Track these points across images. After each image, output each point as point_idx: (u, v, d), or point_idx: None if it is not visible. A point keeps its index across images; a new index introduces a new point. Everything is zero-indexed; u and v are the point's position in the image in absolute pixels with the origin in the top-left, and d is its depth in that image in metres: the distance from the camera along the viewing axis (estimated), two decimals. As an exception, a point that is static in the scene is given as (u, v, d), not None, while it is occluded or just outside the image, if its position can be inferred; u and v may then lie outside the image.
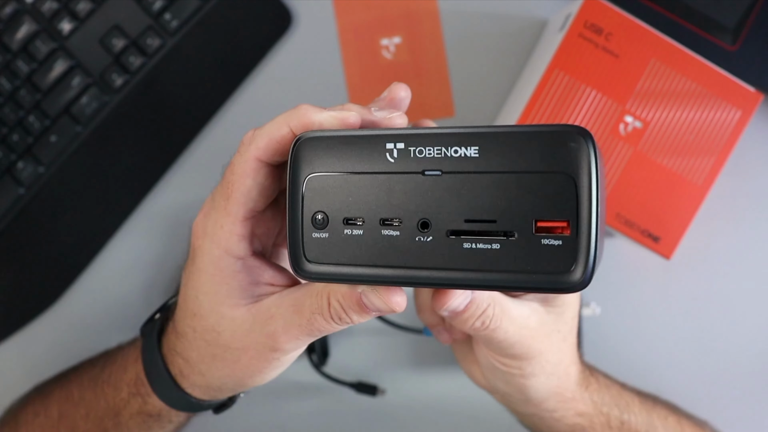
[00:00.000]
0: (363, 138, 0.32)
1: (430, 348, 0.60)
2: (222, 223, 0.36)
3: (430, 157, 0.31)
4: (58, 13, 0.58)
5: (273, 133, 0.35)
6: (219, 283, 0.37)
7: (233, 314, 0.37)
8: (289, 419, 0.60)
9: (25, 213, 0.58)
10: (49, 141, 0.58)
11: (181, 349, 0.40)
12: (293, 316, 0.36)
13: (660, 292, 0.60)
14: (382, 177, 0.32)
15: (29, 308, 0.59)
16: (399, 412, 0.60)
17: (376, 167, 0.32)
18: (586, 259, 0.30)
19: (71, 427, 0.48)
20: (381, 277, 0.31)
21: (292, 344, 0.37)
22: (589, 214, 0.30)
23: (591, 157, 0.29)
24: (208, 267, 0.37)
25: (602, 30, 0.51)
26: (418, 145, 0.31)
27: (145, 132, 0.59)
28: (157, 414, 0.44)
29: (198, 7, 0.59)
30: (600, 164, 0.30)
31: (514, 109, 0.54)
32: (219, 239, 0.36)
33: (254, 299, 0.37)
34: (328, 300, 0.35)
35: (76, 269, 0.59)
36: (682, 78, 0.51)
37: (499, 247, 0.30)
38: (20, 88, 0.58)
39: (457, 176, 0.31)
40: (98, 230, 0.59)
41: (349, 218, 0.32)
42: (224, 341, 0.38)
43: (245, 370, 0.39)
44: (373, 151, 0.32)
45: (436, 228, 0.31)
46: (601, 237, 0.31)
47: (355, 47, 0.61)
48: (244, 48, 0.60)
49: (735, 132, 0.52)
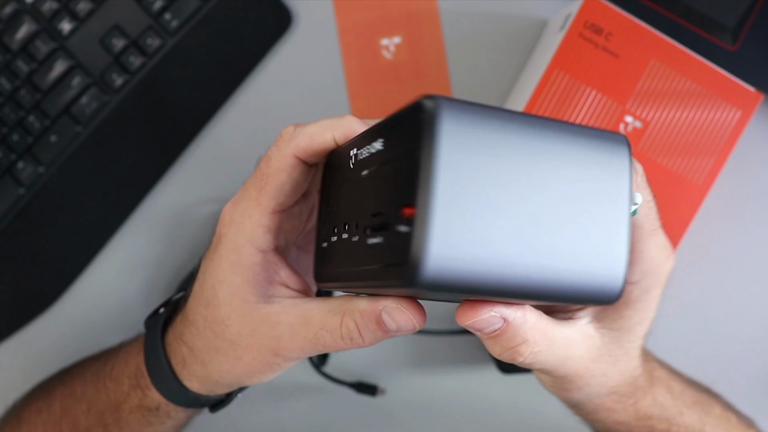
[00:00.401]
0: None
1: (430, 348, 0.60)
2: (251, 212, 0.36)
3: (363, 157, 0.31)
4: (58, 13, 0.58)
5: (316, 136, 0.35)
6: (236, 273, 0.37)
7: (244, 309, 0.37)
8: (289, 419, 0.60)
9: (25, 213, 0.58)
10: (49, 141, 0.58)
11: (188, 337, 0.40)
12: (300, 328, 0.36)
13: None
14: (348, 184, 0.33)
15: (29, 308, 0.59)
16: (399, 412, 0.60)
17: (345, 176, 0.33)
18: (420, 252, 0.24)
19: (73, 423, 0.48)
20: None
21: (296, 353, 0.37)
22: (426, 195, 0.24)
23: (435, 127, 0.25)
24: (229, 255, 0.37)
25: (602, 30, 0.51)
26: (358, 147, 0.32)
27: (145, 132, 0.59)
28: (156, 408, 0.44)
29: (198, 7, 0.59)
30: (464, 137, 0.25)
31: (514, 109, 0.54)
32: (245, 228, 0.37)
33: (266, 298, 0.37)
34: (342, 319, 0.34)
35: (76, 269, 0.59)
36: (682, 78, 0.51)
37: (381, 241, 0.28)
38: (20, 88, 0.58)
39: (373, 172, 0.30)
40: (98, 230, 0.59)
41: (339, 226, 0.33)
42: (230, 336, 0.38)
43: (245, 368, 0.39)
44: (347, 160, 0.33)
45: (361, 226, 0.30)
46: (471, 227, 0.25)
47: (355, 47, 0.61)
48: (244, 48, 0.60)
49: (735, 132, 0.52)
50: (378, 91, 0.60)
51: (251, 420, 0.60)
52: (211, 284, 0.38)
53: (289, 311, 0.36)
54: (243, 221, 0.37)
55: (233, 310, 0.37)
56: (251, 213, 0.37)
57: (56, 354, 0.57)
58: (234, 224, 0.37)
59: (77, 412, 0.48)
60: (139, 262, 0.60)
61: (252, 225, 0.36)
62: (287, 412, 0.60)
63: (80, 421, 0.47)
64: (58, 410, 0.49)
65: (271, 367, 0.38)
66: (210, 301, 0.38)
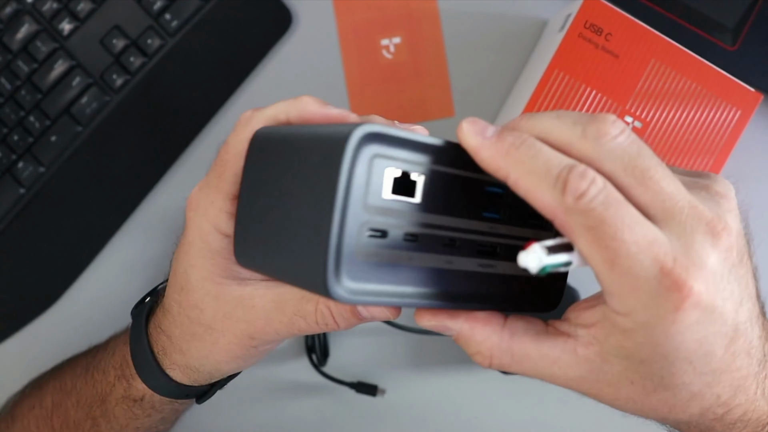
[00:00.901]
0: None
1: (430, 348, 0.60)
2: (213, 198, 0.37)
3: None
4: (58, 13, 0.58)
5: (271, 119, 0.35)
6: (205, 257, 0.37)
7: (217, 292, 0.38)
8: (289, 419, 0.60)
9: (25, 213, 0.58)
10: (49, 141, 0.58)
11: (165, 325, 0.41)
12: (274, 312, 0.36)
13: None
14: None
15: (29, 308, 0.59)
16: (399, 412, 0.60)
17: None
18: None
19: (63, 416, 0.48)
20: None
21: (271, 336, 0.38)
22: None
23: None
24: (197, 241, 0.38)
25: (602, 30, 0.51)
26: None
27: (145, 132, 0.59)
28: (141, 398, 0.44)
29: (198, 7, 0.59)
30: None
31: (514, 109, 0.54)
32: (209, 214, 0.37)
33: (238, 281, 0.38)
34: (316, 306, 0.35)
35: (76, 269, 0.59)
36: (682, 78, 0.51)
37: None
38: (20, 88, 0.58)
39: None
40: (98, 230, 0.59)
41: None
42: (205, 320, 0.38)
43: (223, 353, 0.39)
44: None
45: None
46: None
47: (355, 47, 0.61)
48: (244, 48, 0.60)
49: (734, 132, 0.52)
50: (378, 91, 0.60)
51: (251, 420, 0.60)
52: (183, 270, 0.39)
53: (263, 294, 0.37)
54: (206, 207, 0.37)
55: (206, 293, 0.38)
56: (213, 199, 0.37)
57: (56, 354, 0.57)
58: (199, 210, 0.38)
59: (68, 405, 0.48)
60: (139, 262, 0.60)
61: (215, 210, 0.37)
62: (287, 412, 0.60)
63: (70, 414, 0.47)
64: (49, 404, 0.49)
65: (248, 351, 0.39)
66: (183, 286, 0.39)
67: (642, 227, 0.27)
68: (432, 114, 0.60)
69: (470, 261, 0.32)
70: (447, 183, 0.30)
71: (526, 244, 0.28)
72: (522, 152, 0.28)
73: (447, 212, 0.31)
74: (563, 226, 0.28)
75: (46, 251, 0.58)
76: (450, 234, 0.31)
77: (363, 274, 0.29)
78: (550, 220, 0.28)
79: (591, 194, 0.27)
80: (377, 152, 0.28)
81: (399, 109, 0.60)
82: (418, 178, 0.30)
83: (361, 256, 0.28)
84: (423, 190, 0.30)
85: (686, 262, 0.27)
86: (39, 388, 0.51)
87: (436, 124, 0.60)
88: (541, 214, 0.29)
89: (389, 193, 0.29)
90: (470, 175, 0.31)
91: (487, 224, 0.32)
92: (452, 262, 0.31)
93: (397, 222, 0.29)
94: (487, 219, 0.32)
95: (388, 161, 0.29)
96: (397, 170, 0.29)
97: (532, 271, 0.28)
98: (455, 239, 0.31)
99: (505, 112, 0.57)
